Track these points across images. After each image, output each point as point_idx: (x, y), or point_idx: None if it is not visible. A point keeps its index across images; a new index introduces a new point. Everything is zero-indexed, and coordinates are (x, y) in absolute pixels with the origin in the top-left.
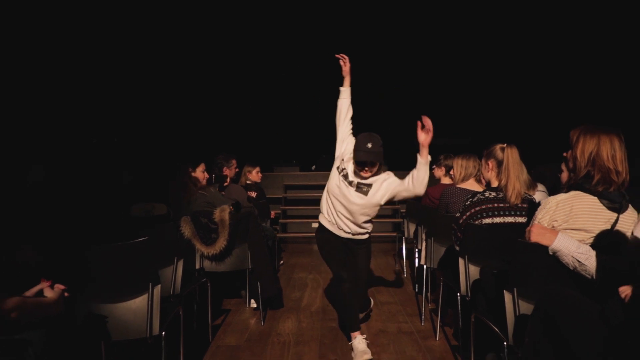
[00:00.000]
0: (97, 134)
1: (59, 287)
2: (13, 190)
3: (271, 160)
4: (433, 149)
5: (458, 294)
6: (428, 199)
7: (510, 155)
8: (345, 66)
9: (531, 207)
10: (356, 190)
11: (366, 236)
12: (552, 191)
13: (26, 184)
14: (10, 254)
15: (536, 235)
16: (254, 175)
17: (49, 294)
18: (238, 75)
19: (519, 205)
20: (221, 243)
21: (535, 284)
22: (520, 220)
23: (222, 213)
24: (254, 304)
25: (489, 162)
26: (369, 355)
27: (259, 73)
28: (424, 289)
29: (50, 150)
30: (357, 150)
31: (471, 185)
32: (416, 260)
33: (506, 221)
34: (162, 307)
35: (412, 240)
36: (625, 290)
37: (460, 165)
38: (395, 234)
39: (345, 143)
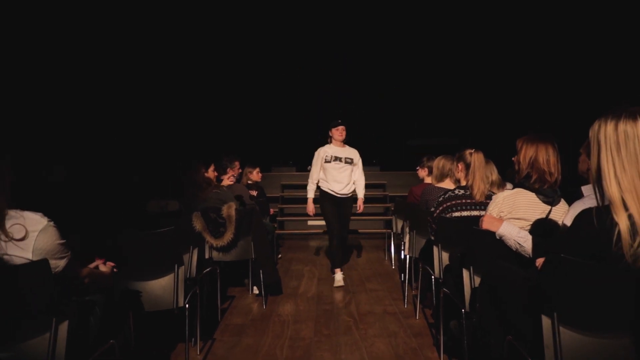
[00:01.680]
0: (106, 134)
1: (110, 264)
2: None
3: (269, 160)
4: (423, 150)
5: (432, 277)
6: (412, 197)
7: (477, 160)
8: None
9: None
10: (345, 163)
11: (350, 195)
12: None
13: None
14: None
15: (487, 223)
16: (255, 175)
17: (103, 268)
18: (238, 78)
19: (483, 201)
20: (228, 236)
21: (486, 262)
22: (484, 214)
23: (229, 209)
24: (256, 291)
25: (459, 165)
26: (341, 283)
27: (258, 77)
28: (407, 276)
29: (70, 150)
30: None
31: (447, 184)
32: (401, 251)
33: (472, 214)
34: (185, 285)
35: (399, 235)
36: (539, 262)
37: (436, 166)
38: (386, 231)
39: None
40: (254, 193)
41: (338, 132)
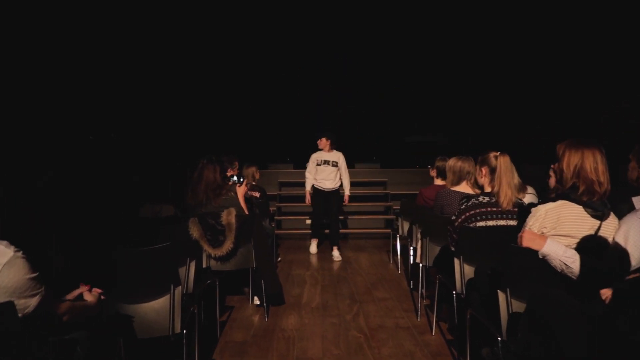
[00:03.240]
0: (96, 132)
1: (97, 290)
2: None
3: (266, 157)
4: (421, 147)
5: (454, 292)
6: (422, 199)
7: (503, 163)
8: None
9: (521, 211)
10: (332, 166)
11: (336, 189)
12: (541, 193)
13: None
14: (45, 260)
15: (527, 240)
16: (257, 175)
17: (88, 297)
18: (234, 74)
19: (510, 209)
20: (228, 245)
21: (526, 285)
22: (512, 224)
23: (229, 216)
24: (257, 301)
25: (483, 169)
26: (339, 258)
27: (254, 73)
28: (420, 285)
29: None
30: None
31: (464, 188)
32: (411, 257)
33: (498, 224)
34: (182, 306)
35: (406, 237)
36: (605, 293)
37: (451, 169)
38: (388, 230)
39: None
40: (257, 194)
41: (321, 144)
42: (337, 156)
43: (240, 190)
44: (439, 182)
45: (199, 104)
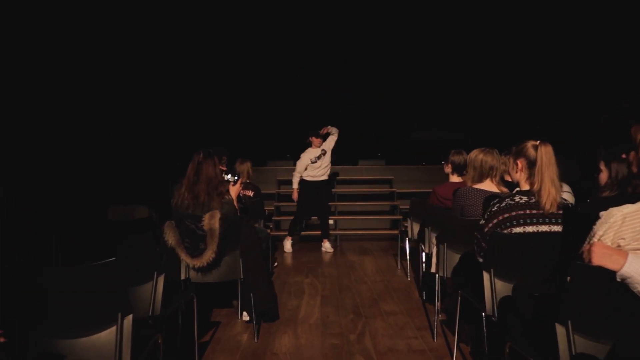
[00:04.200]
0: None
1: None
2: None
3: (264, 154)
4: (429, 145)
5: (483, 314)
6: (437, 199)
7: (544, 155)
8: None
9: (567, 214)
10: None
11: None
12: (576, 189)
13: None
14: None
15: (599, 256)
16: (251, 172)
17: None
18: (229, 66)
19: (554, 212)
20: (209, 255)
21: (597, 318)
22: (556, 229)
23: (212, 220)
24: (246, 317)
25: (519, 162)
26: (331, 250)
27: (250, 64)
28: (436, 299)
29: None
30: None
31: (488, 185)
32: (423, 264)
33: (540, 230)
34: (138, 337)
35: (416, 240)
36: None
37: (472, 164)
38: (394, 232)
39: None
40: (250, 193)
41: (317, 143)
42: (324, 145)
43: (234, 190)
44: (454, 178)
45: (193, 99)
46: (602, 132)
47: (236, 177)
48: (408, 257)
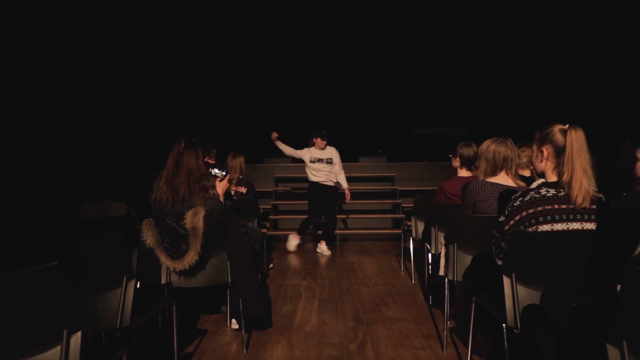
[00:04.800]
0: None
1: None
2: None
3: (261, 150)
4: (432, 140)
5: (503, 325)
6: (444, 195)
7: (575, 141)
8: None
9: (601, 209)
10: (326, 163)
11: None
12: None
13: None
14: None
15: None
16: (244, 167)
17: None
18: (224, 57)
19: (587, 207)
20: (191, 257)
21: None
22: (589, 227)
23: (195, 218)
24: (235, 325)
25: (544, 149)
26: (328, 253)
27: (247, 55)
28: (445, 306)
29: None
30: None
31: (503, 179)
32: (429, 267)
33: (570, 228)
34: (100, 352)
35: (420, 240)
36: None
37: (485, 156)
38: (396, 231)
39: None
40: (243, 190)
41: (321, 144)
42: (331, 152)
43: (221, 186)
44: (463, 173)
45: (187, 91)
46: (621, 123)
47: (224, 173)
48: (412, 258)
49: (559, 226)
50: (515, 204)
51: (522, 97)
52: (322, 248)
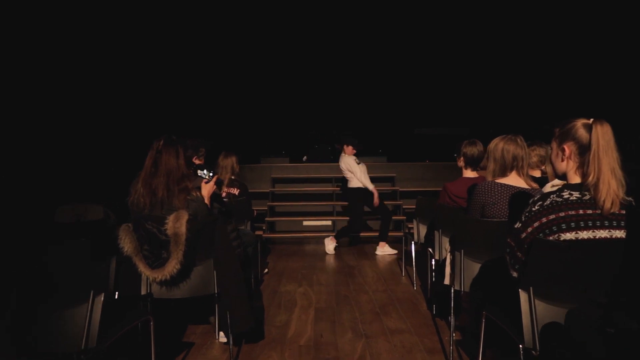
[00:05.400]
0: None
1: None
2: None
3: (258, 150)
4: (433, 140)
5: (520, 346)
6: (448, 197)
7: (601, 137)
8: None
9: (631, 215)
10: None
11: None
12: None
13: None
14: None
15: None
16: (237, 167)
17: None
18: (223, 57)
19: (617, 212)
20: (172, 266)
21: None
22: (618, 235)
23: (178, 223)
24: (223, 338)
25: (566, 147)
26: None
27: (244, 54)
28: (451, 318)
29: None
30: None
31: (514, 180)
32: (433, 273)
33: (597, 236)
34: None
35: (422, 244)
36: None
37: (494, 155)
38: (397, 233)
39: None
40: (235, 191)
41: (351, 150)
42: (355, 166)
43: (207, 188)
44: (468, 173)
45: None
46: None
47: (211, 174)
48: (414, 262)
49: (584, 234)
50: (533, 209)
51: (524, 96)
52: (328, 243)
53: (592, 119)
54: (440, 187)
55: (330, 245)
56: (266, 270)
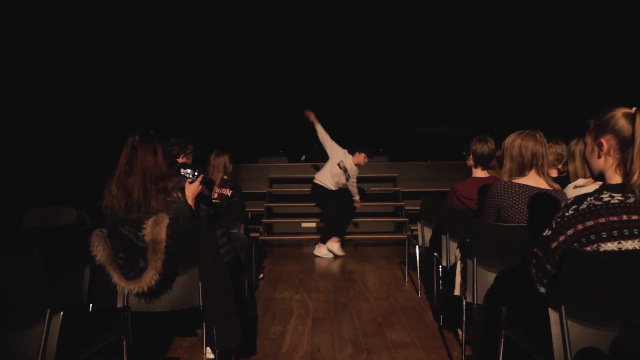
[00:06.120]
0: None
1: None
2: None
3: (255, 150)
4: (436, 139)
5: None
6: (456, 199)
7: None
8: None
9: None
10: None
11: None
12: None
13: None
14: None
15: None
16: (230, 166)
17: None
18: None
19: None
20: (150, 277)
21: None
22: None
23: (157, 228)
24: (210, 354)
25: (603, 140)
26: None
27: (242, 51)
28: (462, 332)
29: None
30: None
31: (534, 180)
32: (440, 281)
33: None
34: None
35: (427, 248)
36: None
37: (510, 152)
38: (399, 236)
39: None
40: (228, 192)
41: (365, 162)
42: (356, 171)
43: (191, 189)
44: (479, 173)
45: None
46: None
47: (196, 173)
48: (418, 268)
49: (628, 244)
50: (567, 214)
51: (530, 95)
52: (332, 245)
53: (634, 108)
54: (444, 188)
55: (335, 244)
56: (261, 275)
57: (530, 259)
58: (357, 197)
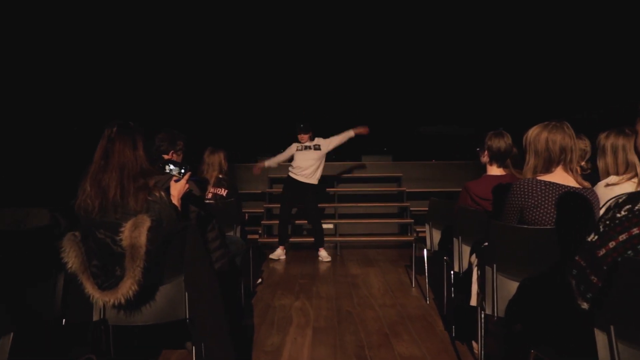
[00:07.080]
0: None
1: None
2: None
3: (254, 148)
4: (441, 138)
5: None
6: (470, 199)
7: None
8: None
9: None
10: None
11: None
12: None
13: None
14: None
15: None
16: (225, 164)
17: None
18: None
19: None
20: (127, 287)
21: None
22: None
23: (136, 232)
24: None
25: None
26: (328, 259)
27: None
28: (479, 346)
29: None
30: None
31: (561, 177)
32: (452, 288)
33: None
34: None
35: (436, 251)
36: None
37: (533, 147)
38: (404, 238)
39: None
40: (223, 192)
41: (307, 136)
42: (318, 140)
43: (177, 188)
44: (494, 170)
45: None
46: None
47: (183, 170)
48: (427, 273)
49: None
50: (617, 216)
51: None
52: (322, 255)
53: None
54: (450, 188)
55: (277, 250)
56: (259, 280)
57: (570, 269)
58: (351, 132)
